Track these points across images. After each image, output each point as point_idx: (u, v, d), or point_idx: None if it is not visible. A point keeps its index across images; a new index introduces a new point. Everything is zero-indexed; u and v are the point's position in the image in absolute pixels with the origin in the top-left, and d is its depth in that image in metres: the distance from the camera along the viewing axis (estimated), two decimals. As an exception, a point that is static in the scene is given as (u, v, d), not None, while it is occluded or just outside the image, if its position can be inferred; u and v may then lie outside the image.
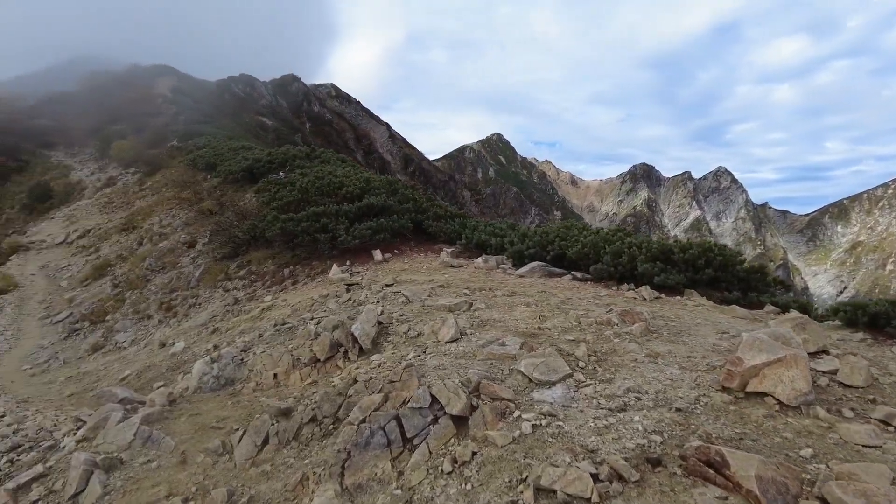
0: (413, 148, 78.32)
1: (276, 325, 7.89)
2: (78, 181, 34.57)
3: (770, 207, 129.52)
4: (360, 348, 5.78)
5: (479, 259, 10.19)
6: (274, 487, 4.05)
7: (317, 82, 75.20)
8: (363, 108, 75.40)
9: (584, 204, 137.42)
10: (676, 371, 4.22)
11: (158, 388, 7.75)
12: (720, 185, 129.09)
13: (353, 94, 77.32)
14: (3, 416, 7.28)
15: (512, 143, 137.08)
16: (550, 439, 3.44)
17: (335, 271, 10.53)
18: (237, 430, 4.89)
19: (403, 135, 77.31)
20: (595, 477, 2.96)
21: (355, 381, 4.68)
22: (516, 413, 3.77)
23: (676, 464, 3.02)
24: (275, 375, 6.02)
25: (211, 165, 23.91)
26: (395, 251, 11.69)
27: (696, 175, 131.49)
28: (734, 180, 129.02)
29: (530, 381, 4.15)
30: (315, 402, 4.73)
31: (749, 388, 3.59)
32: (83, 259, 20.28)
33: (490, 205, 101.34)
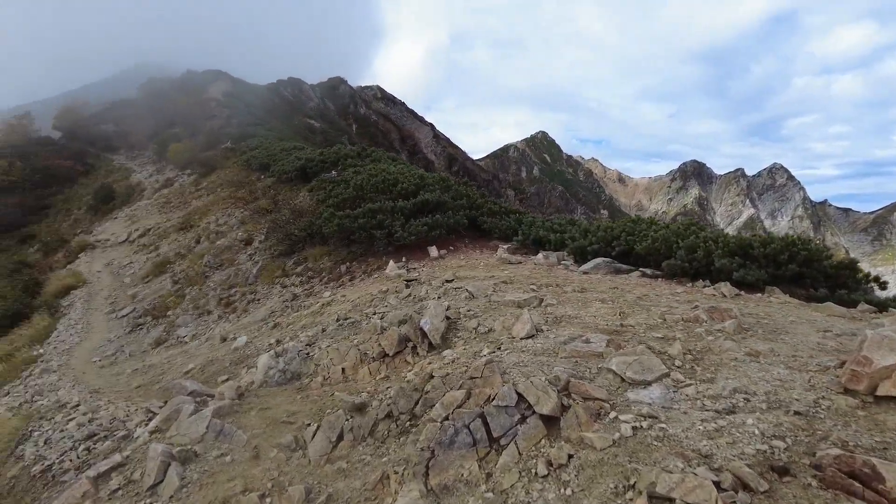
0: (457, 148, 78.23)
1: (338, 321, 7.79)
2: (137, 183, 35.85)
3: (830, 205, 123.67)
4: (430, 343, 5.59)
5: (539, 255, 9.89)
6: (352, 486, 3.89)
7: (363, 84, 76.06)
8: (408, 109, 75.76)
9: (631, 202, 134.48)
10: (783, 371, 3.85)
11: (223, 381, 7.78)
12: (775, 182, 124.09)
13: (398, 96, 77.80)
14: (78, 406, 7.44)
15: (557, 141, 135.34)
16: (655, 443, 3.16)
17: (391, 267, 10.41)
18: (309, 424, 4.77)
19: (447, 135, 77.35)
20: (717, 485, 2.66)
21: (431, 377, 4.48)
22: (612, 414, 3.49)
23: (809, 474, 2.70)
24: (342, 370, 5.89)
25: (265, 166, 24.32)
26: (450, 248, 11.51)
27: (750, 172, 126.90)
28: (790, 177, 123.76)
29: (623, 380, 3.87)
30: (390, 397, 4.56)
31: (880, 392, 3.20)
32: (144, 257, 20.93)
33: (534, 204, 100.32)
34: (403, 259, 11.08)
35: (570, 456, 3.25)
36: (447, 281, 8.55)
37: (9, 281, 20.57)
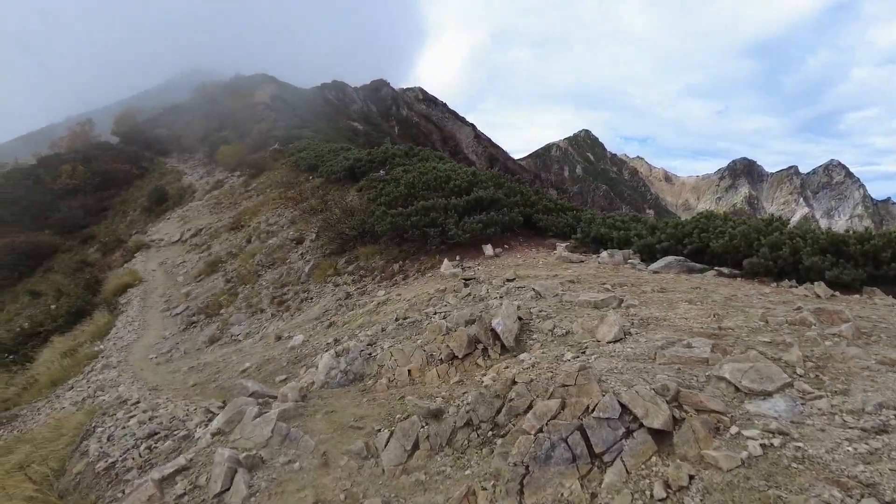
0: (497, 147, 77.64)
1: (397, 320, 7.50)
2: (189, 185, 36.71)
3: (894, 203, 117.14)
4: (502, 346, 5.22)
5: (604, 253, 9.39)
6: (434, 501, 3.55)
7: (405, 86, 76.31)
8: (449, 109, 75.65)
9: (678, 202, 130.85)
10: (930, 383, 3.32)
11: (281, 381, 7.59)
12: (832, 179, 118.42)
13: (439, 97, 77.79)
14: (138, 403, 7.38)
15: (601, 140, 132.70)
16: (795, 465, 2.71)
17: (446, 266, 10.09)
18: (380, 430, 4.46)
19: (488, 135, 76.84)
20: (896, 524, 2.21)
21: (514, 383, 4.11)
22: (733, 429, 3.05)
23: None
24: (408, 372, 5.58)
25: (313, 166, 24.42)
26: (505, 246, 11.11)
27: (804, 169, 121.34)
28: (849, 174, 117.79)
29: (738, 389, 3.40)
30: (468, 403, 4.20)
31: None
32: (196, 256, 21.27)
33: (577, 203, 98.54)
34: (457, 258, 10.75)
35: (692, 477, 2.83)
36: (508, 280, 8.17)
37: (72, 279, 21.22)
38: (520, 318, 5.59)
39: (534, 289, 6.92)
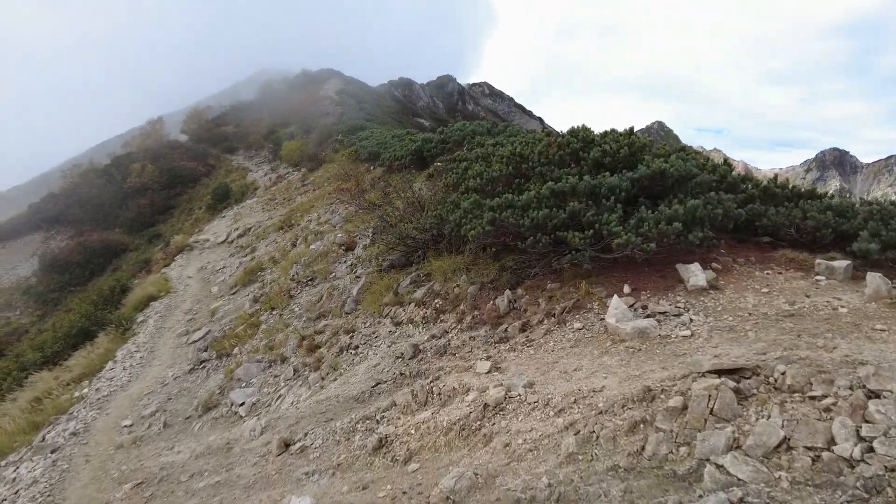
0: (566, 143, 70.63)
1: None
2: (252, 181, 32.73)
3: None
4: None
5: None
6: None
7: (471, 82, 70.85)
8: (516, 103, 69.47)
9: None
10: None
11: None
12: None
13: (505, 91, 71.66)
14: None
15: (674, 133, 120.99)
16: None
17: (619, 310, 4.57)
18: None
19: (555, 128, 70.15)
20: None
21: None
22: None
23: None
24: None
25: (374, 155, 19.41)
26: (714, 264, 5.42)
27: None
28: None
29: None
30: None
31: None
32: (238, 260, 16.63)
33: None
34: (626, 287, 5.20)
35: None
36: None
37: (96, 290, 17.23)
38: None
39: None
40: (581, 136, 6.73)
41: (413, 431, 3.86)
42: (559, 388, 3.74)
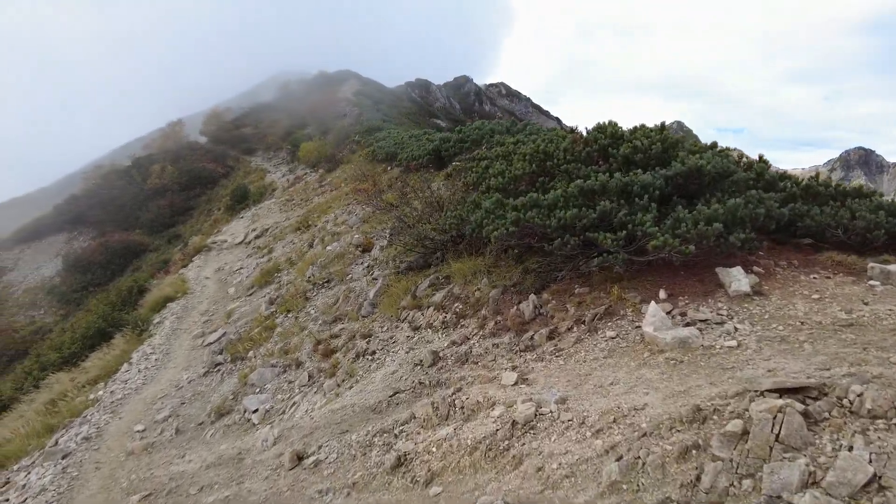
0: (584, 143, 69.77)
1: None
2: (271, 182, 32.74)
3: None
4: None
5: None
6: None
7: (488, 82, 70.42)
8: (533, 104, 68.85)
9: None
10: None
11: None
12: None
13: (523, 91, 71.09)
14: None
15: (694, 133, 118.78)
16: None
17: (656, 317, 4.21)
18: None
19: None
20: None
21: None
22: None
23: None
24: None
25: (391, 155, 19.19)
26: (755, 268, 5.02)
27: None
28: None
29: None
30: None
31: None
32: (255, 261, 16.49)
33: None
34: (662, 292, 4.83)
35: None
36: None
37: (115, 291, 17.22)
38: None
39: None
40: (609, 132, 6.35)
41: (434, 449, 3.54)
42: (595, 404, 3.39)
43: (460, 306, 6.48)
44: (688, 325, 4.33)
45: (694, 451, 2.63)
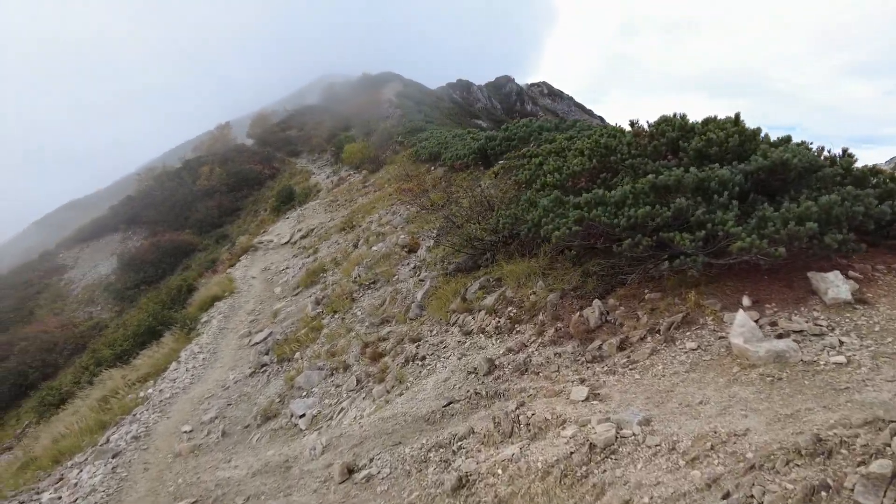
0: (628, 142, 67.91)
1: None
2: (315, 184, 33.15)
3: None
4: None
5: None
6: None
7: (530, 81, 69.56)
8: (576, 103, 67.54)
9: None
10: None
11: None
12: None
13: (565, 90, 69.81)
14: None
15: None
16: None
17: (746, 327, 3.74)
18: None
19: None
20: None
21: None
22: None
23: None
24: None
25: (435, 155, 18.95)
26: (850, 272, 4.47)
27: None
28: None
29: None
30: None
31: None
32: (301, 261, 16.54)
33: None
34: (745, 298, 4.34)
35: None
36: None
37: (165, 290, 17.60)
38: None
39: None
40: (678, 125, 5.85)
41: (500, 471, 3.19)
42: (685, 426, 2.97)
43: (514, 311, 6.11)
44: (780, 336, 3.84)
45: (824, 494, 2.19)
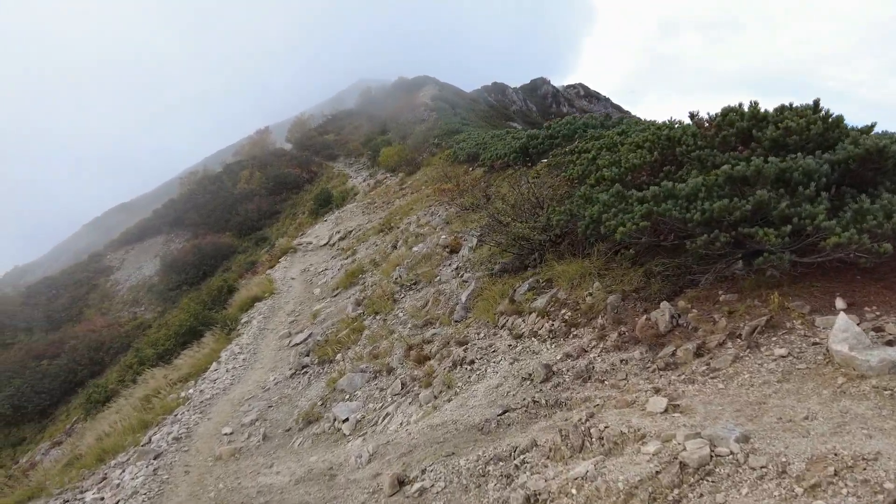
0: (668, 144, 66.10)
1: None
2: (352, 187, 33.34)
3: None
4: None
5: None
6: None
7: (566, 83, 68.67)
8: (612, 104, 66.18)
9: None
10: None
11: None
12: None
13: (602, 91, 68.59)
14: None
15: None
16: None
17: (849, 332, 3.29)
18: None
19: (658, 130, 65.82)
20: None
21: None
22: None
23: None
24: None
25: (473, 156, 18.66)
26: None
27: None
28: None
29: None
30: None
31: None
32: (340, 263, 16.48)
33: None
34: (841, 301, 3.87)
35: None
36: None
37: (206, 291, 17.82)
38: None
39: None
40: (749, 114, 5.38)
41: (574, 491, 2.84)
42: (793, 446, 2.57)
43: (569, 313, 5.73)
44: (890, 343, 3.37)
45: None
